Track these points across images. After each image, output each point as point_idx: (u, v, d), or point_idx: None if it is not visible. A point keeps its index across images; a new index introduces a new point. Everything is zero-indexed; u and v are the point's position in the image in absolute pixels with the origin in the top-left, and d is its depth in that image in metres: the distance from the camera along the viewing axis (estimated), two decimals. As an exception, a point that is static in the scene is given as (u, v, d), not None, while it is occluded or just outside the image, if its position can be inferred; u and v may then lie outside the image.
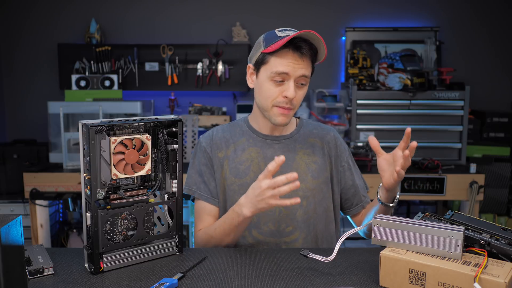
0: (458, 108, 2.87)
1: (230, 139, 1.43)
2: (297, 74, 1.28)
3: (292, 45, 1.27)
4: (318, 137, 1.45)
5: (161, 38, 3.43)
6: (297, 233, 1.39)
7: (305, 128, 1.47)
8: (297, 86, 1.31)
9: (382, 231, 1.06)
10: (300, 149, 1.42)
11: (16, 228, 0.85)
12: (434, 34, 3.36)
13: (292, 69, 1.28)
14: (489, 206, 3.05)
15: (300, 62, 1.28)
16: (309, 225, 1.40)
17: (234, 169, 1.39)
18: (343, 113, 3.12)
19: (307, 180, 1.39)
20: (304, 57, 1.29)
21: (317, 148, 1.43)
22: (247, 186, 1.27)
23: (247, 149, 1.41)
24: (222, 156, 1.42)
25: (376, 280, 1.05)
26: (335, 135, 1.49)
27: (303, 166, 1.40)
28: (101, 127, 1.08)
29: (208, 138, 1.45)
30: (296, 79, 1.29)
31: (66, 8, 3.43)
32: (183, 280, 1.07)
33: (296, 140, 1.43)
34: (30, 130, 3.45)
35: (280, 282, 1.06)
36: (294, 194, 1.36)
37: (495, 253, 1.01)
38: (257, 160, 1.39)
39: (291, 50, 1.27)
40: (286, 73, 1.28)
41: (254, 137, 1.42)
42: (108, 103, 2.92)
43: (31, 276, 1.07)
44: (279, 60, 1.28)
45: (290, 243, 1.38)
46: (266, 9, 3.42)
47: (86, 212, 1.11)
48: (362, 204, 1.49)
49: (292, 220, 1.38)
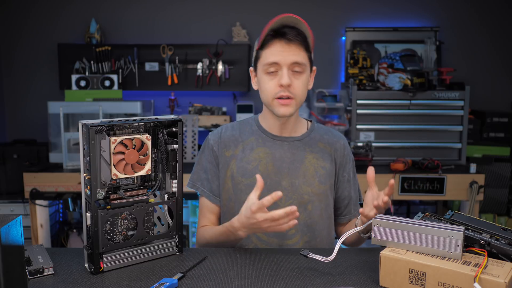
0: (458, 108, 2.87)
1: (239, 137, 1.43)
2: (287, 61, 1.28)
3: (278, 34, 1.28)
4: (328, 143, 1.44)
5: (161, 38, 3.43)
6: (299, 236, 1.38)
7: (316, 132, 1.45)
8: (292, 74, 1.30)
9: (382, 231, 1.06)
10: (310, 152, 1.41)
11: (16, 228, 0.85)
12: (434, 34, 3.36)
13: (281, 57, 1.28)
14: (489, 206, 3.05)
15: (288, 49, 1.28)
16: (313, 230, 1.39)
17: (241, 168, 1.38)
18: (343, 113, 3.12)
19: (314, 185, 1.38)
20: (292, 43, 1.28)
21: (326, 154, 1.43)
22: (253, 185, 1.25)
23: (256, 149, 1.40)
24: (229, 155, 1.41)
25: (376, 280, 1.05)
26: (345, 144, 1.48)
27: (311, 169, 1.39)
28: (101, 127, 1.08)
29: (217, 136, 1.45)
30: (288, 66, 1.29)
31: (66, 8, 3.43)
32: (183, 280, 1.07)
33: (306, 143, 1.42)
34: (30, 130, 3.45)
35: (280, 282, 1.06)
36: (299, 197, 1.37)
37: (495, 253, 1.01)
38: (265, 160, 1.38)
39: (277, 39, 1.29)
40: (276, 63, 1.28)
41: (264, 136, 1.41)
42: (108, 103, 2.92)
43: (31, 276, 1.07)
44: (268, 51, 1.30)
45: (291, 246, 1.38)
46: (266, 9, 3.43)
47: (86, 212, 1.11)
48: (350, 217, 1.50)
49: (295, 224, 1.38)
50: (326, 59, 3.47)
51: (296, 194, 1.37)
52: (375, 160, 2.84)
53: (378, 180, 1.30)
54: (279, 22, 1.28)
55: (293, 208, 1.12)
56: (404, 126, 2.91)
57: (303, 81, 1.32)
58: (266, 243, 1.38)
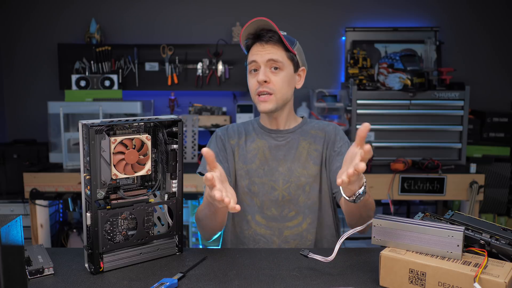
0: (458, 108, 2.87)
1: (243, 131, 1.55)
2: (264, 59, 1.39)
3: (255, 37, 1.42)
4: (319, 129, 1.52)
5: (161, 38, 3.43)
6: (300, 217, 1.44)
7: (308, 125, 1.54)
8: (271, 72, 1.40)
9: (382, 231, 1.06)
10: (304, 140, 1.49)
11: (16, 228, 0.85)
12: (434, 34, 3.36)
13: (258, 56, 1.39)
14: (489, 206, 3.06)
15: (263, 49, 1.40)
16: (315, 210, 1.45)
17: (242, 156, 1.50)
18: (343, 113, 3.12)
19: (309, 167, 1.46)
20: (268, 43, 1.39)
21: (319, 138, 1.50)
22: (252, 171, 1.46)
23: (255, 140, 1.51)
24: (234, 143, 1.52)
25: (376, 280, 1.05)
26: (336, 127, 1.54)
27: (304, 154, 1.47)
28: (101, 127, 1.08)
29: (224, 129, 1.58)
30: (265, 63, 1.39)
31: (66, 8, 3.43)
32: (183, 280, 1.07)
33: (299, 133, 1.51)
34: (30, 130, 3.45)
35: (280, 282, 1.06)
36: (297, 180, 1.44)
37: (495, 253, 1.01)
38: (262, 149, 1.49)
39: (257, 42, 1.42)
40: (254, 61, 1.40)
41: (262, 131, 1.53)
42: (108, 103, 2.92)
43: (31, 276, 1.07)
44: (250, 53, 1.43)
45: (293, 228, 1.43)
46: (266, 9, 3.42)
47: (86, 212, 1.11)
48: None
49: (295, 205, 1.44)
50: (326, 59, 3.47)
51: (293, 177, 1.45)
52: (375, 160, 2.84)
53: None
54: (255, 26, 1.39)
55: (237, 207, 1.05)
56: (404, 126, 2.91)
57: (281, 77, 1.41)
58: (266, 227, 1.44)
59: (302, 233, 1.43)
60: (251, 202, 1.46)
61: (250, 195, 1.46)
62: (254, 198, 1.46)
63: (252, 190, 1.46)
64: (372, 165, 2.76)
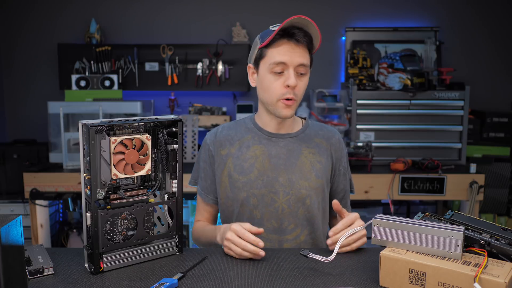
0: (458, 108, 2.87)
1: (235, 136, 1.44)
2: (295, 62, 1.29)
3: (286, 34, 1.28)
4: (324, 138, 1.46)
5: (161, 38, 3.43)
6: (299, 230, 1.40)
7: (310, 129, 1.47)
8: (297, 76, 1.30)
9: (382, 231, 1.06)
10: (306, 148, 1.42)
11: (16, 228, 0.85)
12: (434, 34, 3.37)
13: (289, 57, 1.28)
14: (489, 206, 3.06)
15: (297, 50, 1.28)
16: (312, 223, 1.41)
17: (238, 166, 1.40)
18: (343, 113, 3.12)
19: (311, 179, 1.40)
20: (300, 44, 1.29)
21: (323, 149, 1.44)
22: (251, 183, 1.37)
23: (252, 147, 1.41)
24: (225, 153, 1.43)
25: (376, 280, 1.05)
26: (339, 139, 1.50)
27: (307, 164, 1.40)
28: (101, 127, 1.08)
29: (213, 135, 1.48)
30: (295, 68, 1.29)
31: (66, 8, 3.43)
32: (183, 280, 1.07)
33: (301, 139, 1.43)
34: (30, 130, 3.45)
35: (280, 282, 1.06)
36: (297, 192, 1.38)
37: (495, 253, 1.01)
38: (261, 158, 1.39)
39: (286, 39, 1.28)
40: (283, 63, 1.29)
41: (260, 134, 1.42)
42: (108, 103, 2.92)
43: (31, 276, 1.07)
44: (276, 51, 1.29)
45: (292, 240, 1.40)
46: (266, 9, 3.42)
47: (86, 212, 1.11)
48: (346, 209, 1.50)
49: (294, 218, 1.39)
50: (326, 59, 3.47)
51: (293, 190, 1.38)
52: (375, 160, 2.84)
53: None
54: (289, 22, 1.26)
55: (262, 253, 1.17)
56: (404, 126, 2.91)
57: (305, 83, 1.34)
58: (265, 239, 1.37)
59: (300, 244, 1.40)
60: (250, 214, 1.39)
61: (249, 208, 1.39)
62: (254, 210, 1.39)
63: (251, 203, 1.38)
64: (372, 165, 2.76)
